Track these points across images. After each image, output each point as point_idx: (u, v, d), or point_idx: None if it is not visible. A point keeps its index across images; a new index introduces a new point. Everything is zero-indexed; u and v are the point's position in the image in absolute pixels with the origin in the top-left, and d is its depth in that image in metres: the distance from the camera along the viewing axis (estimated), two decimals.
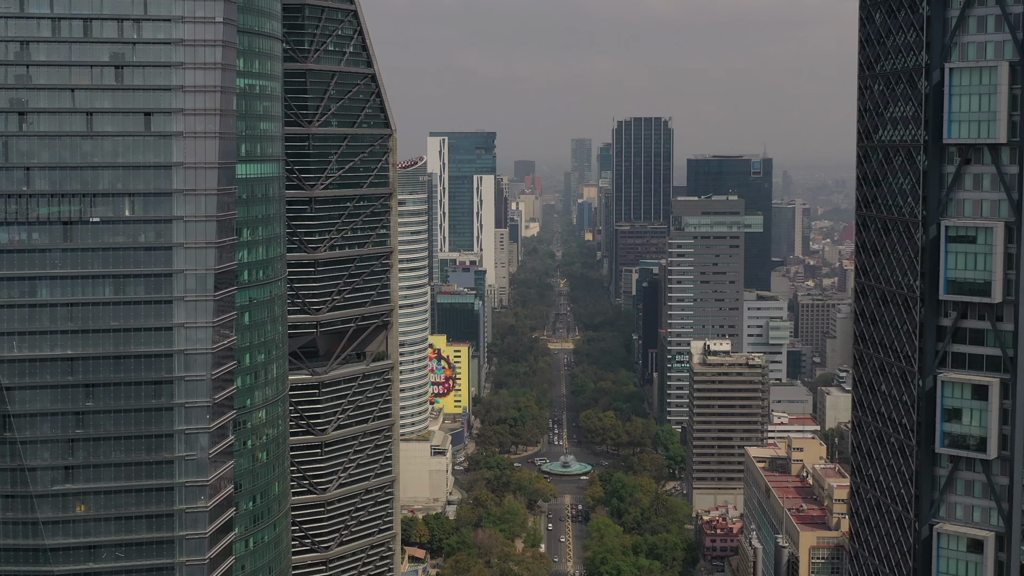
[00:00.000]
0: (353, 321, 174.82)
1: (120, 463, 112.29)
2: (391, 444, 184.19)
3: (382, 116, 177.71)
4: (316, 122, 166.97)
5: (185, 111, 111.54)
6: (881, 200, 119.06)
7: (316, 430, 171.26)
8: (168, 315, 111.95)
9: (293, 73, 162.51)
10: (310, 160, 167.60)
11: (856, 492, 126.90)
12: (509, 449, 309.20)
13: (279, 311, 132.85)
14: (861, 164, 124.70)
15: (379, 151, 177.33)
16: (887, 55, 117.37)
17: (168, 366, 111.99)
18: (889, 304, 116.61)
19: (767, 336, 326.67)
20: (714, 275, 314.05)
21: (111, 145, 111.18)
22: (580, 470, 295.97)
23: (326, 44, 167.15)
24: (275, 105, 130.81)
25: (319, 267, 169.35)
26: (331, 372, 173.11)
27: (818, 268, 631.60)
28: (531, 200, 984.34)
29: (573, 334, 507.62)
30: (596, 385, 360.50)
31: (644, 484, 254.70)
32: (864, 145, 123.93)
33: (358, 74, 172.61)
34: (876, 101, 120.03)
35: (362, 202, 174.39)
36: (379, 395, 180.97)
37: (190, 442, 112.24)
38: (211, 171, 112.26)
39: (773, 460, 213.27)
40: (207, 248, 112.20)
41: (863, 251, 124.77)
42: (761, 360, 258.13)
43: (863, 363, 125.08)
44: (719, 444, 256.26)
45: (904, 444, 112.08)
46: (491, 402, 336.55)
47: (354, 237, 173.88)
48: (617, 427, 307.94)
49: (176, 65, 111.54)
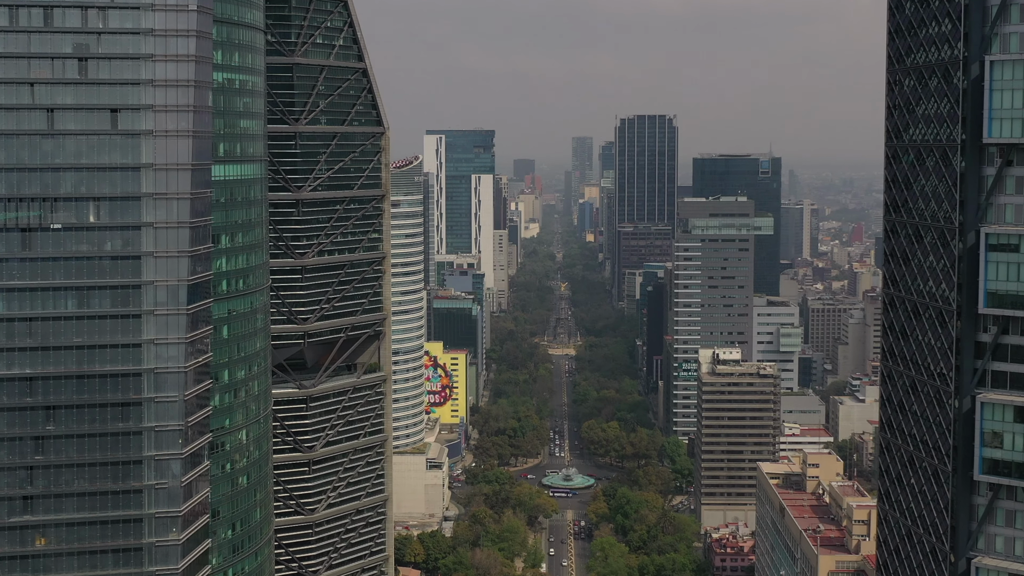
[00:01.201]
0: (343, 331, 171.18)
1: (84, 492, 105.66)
2: (383, 461, 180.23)
3: (374, 113, 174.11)
4: (304, 119, 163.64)
5: (156, 107, 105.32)
6: (912, 204, 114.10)
7: (303, 447, 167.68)
8: (137, 330, 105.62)
9: (279, 67, 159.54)
10: (297, 160, 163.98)
11: (884, 520, 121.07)
12: (508, 461, 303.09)
13: (261, 323, 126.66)
14: (890, 165, 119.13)
15: (371, 150, 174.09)
16: (919, 47, 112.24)
17: (136, 386, 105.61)
18: (921, 317, 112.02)
19: (778, 343, 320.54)
20: (722, 280, 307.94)
21: (74, 144, 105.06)
22: (583, 484, 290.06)
23: (314, 36, 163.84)
24: (257, 101, 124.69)
25: (307, 274, 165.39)
26: (319, 385, 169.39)
27: (827, 270, 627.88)
28: (531, 200, 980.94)
29: (574, 339, 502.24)
30: (599, 394, 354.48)
31: (650, 500, 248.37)
32: (893, 145, 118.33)
33: (348, 68, 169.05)
34: (907, 97, 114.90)
35: (352, 204, 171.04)
36: (370, 409, 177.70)
37: (161, 469, 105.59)
38: (184, 173, 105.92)
39: (787, 477, 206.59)
40: (179, 257, 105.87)
41: (892, 259, 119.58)
42: (773, 370, 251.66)
43: (892, 381, 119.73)
44: (729, 458, 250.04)
45: (938, 470, 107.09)
46: (489, 412, 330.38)
47: (344, 242, 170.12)
48: (621, 438, 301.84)
49: (146, 57, 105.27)
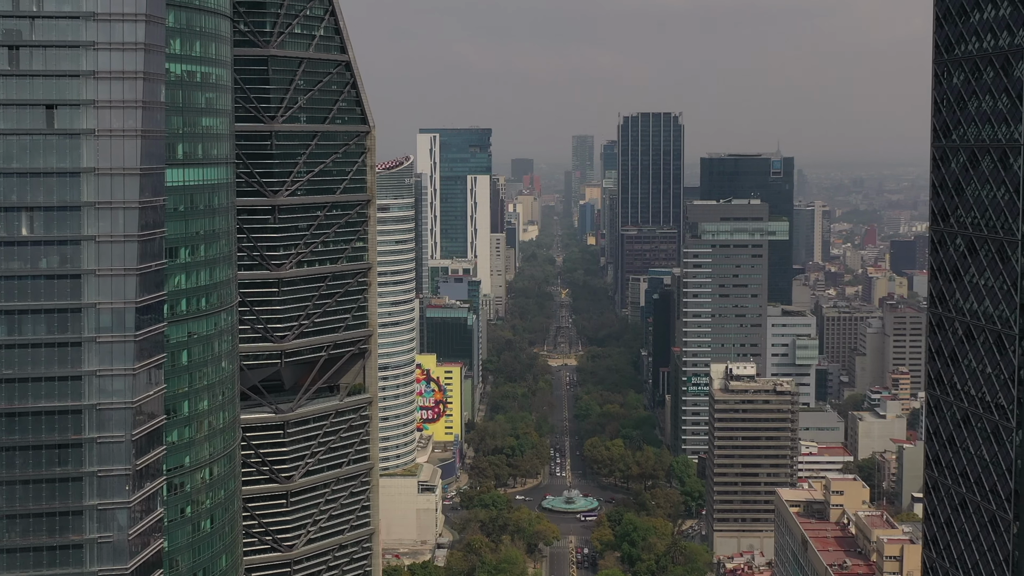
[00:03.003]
0: (324, 349, 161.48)
1: (15, 548, 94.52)
2: (369, 491, 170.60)
3: (358, 110, 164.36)
4: (280, 117, 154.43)
5: (99, 103, 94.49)
6: (964, 213, 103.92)
7: (280, 477, 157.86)
8: (76, 360, 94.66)
9: (253, 60, 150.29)
10: (273, 162, 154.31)
11: (931, 569, 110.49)
12: (506, 482, 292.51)
13: (227, 346, 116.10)
14: (937, 168, 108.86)
15: (355, 151, 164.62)
16: (972, 34, 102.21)
17: (76, 425, 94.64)
18: (975, 341, 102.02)
19: (793, 356, 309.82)
20: (734, 288, 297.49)
21: (4, 146, 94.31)
22: (586, 506, 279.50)
23: (292, 26, 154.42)
24: (222, 96, 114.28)
25: (284, 287, 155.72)
26: (298, 409, 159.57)
27: (840, 275, 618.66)
28: (529, 201, 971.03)
29: (576, 349, 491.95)
30: (602, 408, 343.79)
31: (658, 526, 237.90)
32: (941, 145, 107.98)
33: (330, 62, 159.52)
34: (957, 91, 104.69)
35: (335, 210, 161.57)
36: (355, 434, 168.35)
37: (104, 520, 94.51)
38: (132, 178, 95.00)
39: (809, 505, 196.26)
40: (126, 275, 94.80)
41: (939, 275, 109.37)
42: (790, 386, 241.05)
43: (939, 412, 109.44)
44: (743, 481, 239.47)
45: (997, 516, 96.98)
46: (486, 429, 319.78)
47: (325, 251, 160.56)
48: (626, 457, 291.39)
49: (87, 45, 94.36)
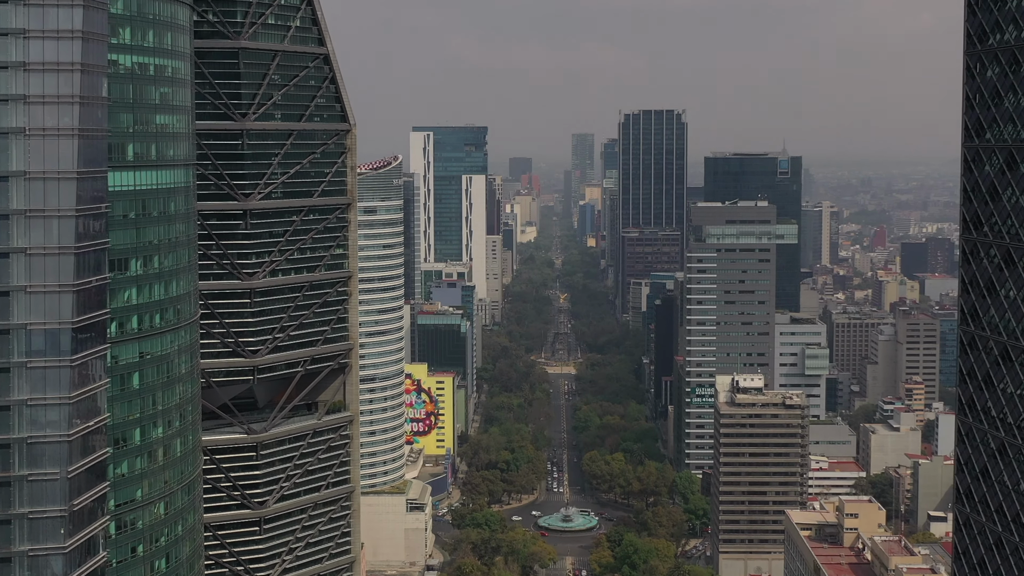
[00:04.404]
0: (300, 364, 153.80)
1: None
2: (350, 516, 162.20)
3: (338, 107, 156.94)
4: (253, 114, 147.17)
5: (29, 99, 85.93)
6: (1000, 220, 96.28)
7: (253, 503, 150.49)
8: (4, 389, 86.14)
9: (223, 53, 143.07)
10: (245, 162, 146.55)
11: None
12: (500, 499, 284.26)
13: (187, 366, 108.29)
14: (968, 171, 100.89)
15: (334, 150, 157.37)
16: (1009, 22, 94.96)
17: (3, 461, 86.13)
18: (1013, 363, 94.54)
19: (802, 366, 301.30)
20: (740, 294, 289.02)
21: None
22: (584, 525, 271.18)
23: (265, 16, 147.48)
24: (180, 91, 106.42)
25: (256, 298, 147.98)
26: (272, 429, 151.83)
27: (848, 278, 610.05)
28: (527, 202, 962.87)
29: (575, 356, 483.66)
30: (602, 420, 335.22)
31: (661, 547, 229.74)
32: (973, 146, 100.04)
33: (307, 54, 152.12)
34: (992, 86, 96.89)
35: (312, 215, 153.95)
36: (334, 456, 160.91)
37: (37, 568, 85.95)
38: (68, 183, 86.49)
39: (821, 528, 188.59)
40: (61, 292, 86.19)
41: (970, 289, 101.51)
42: (800, 399, 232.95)
43: (971, 440, 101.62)
44: (750, 500, 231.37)
45: None
46: (479, 442, 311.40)
47: (301, 259, 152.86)
48: (627, 472, 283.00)
49: (16, 33, 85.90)
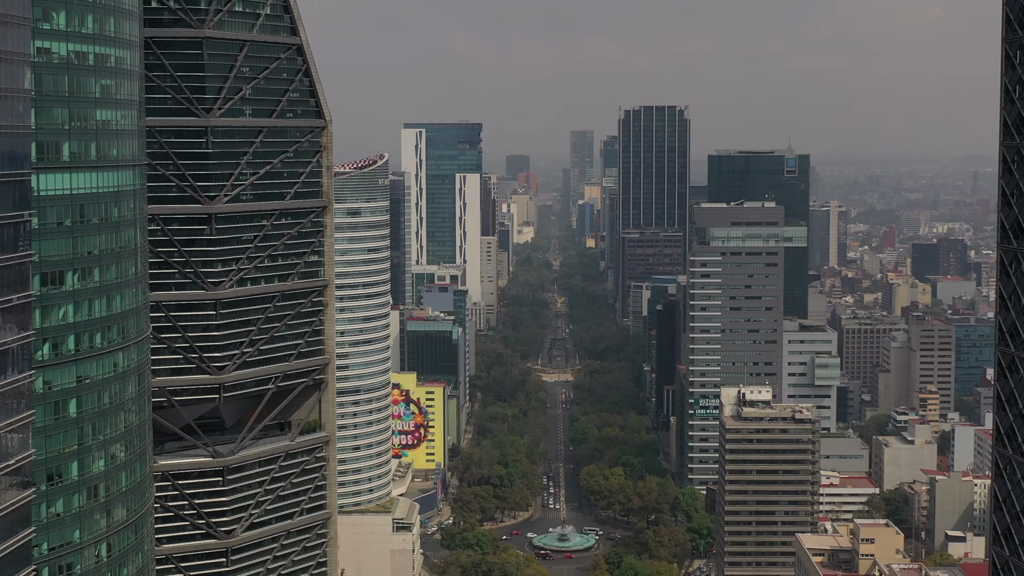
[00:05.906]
0: (272, 381, 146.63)
1: None
2: (326, 544, 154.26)
3: (312, 102, 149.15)
4: (218, 110, 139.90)
5: None
6: None
7: (219, 532, 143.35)
8: None
9: (185, 42, 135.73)
10: (210, 162, 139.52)
11: None
12: (493, 516, 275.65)
13: (135, 390, 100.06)
14: (1007, 172, 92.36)
15: (308, 149, 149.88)
16: None
17: None
18: None
19: (812, 376, 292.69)
20: (746, 300, 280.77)
21: None
22: (582, 544, 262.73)
23: (232, 2, 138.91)
24: (126, 84, 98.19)
25: (222, 309, 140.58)
26: (241, 451, 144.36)
27: (857, 280, 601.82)
28: (524, 201, 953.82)
29: (572, 363, 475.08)
30: (600, 432, 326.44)
31: (662, 571, 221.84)
32: (1014, 144, 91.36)
33: (278, 45, 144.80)
34: None
35: (284, 219, 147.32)
36: (309, 479, 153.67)
37: None
38: None
39: (834, 553, 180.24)
40: None
41: (1009, 303, 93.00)
42: (811, 413, 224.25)
43: (1010, 477, 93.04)
44: (758, 520, 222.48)
45: None
46: (471, 455, 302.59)
47: (273, 267, 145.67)
48: (627, 488, 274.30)
49: None
